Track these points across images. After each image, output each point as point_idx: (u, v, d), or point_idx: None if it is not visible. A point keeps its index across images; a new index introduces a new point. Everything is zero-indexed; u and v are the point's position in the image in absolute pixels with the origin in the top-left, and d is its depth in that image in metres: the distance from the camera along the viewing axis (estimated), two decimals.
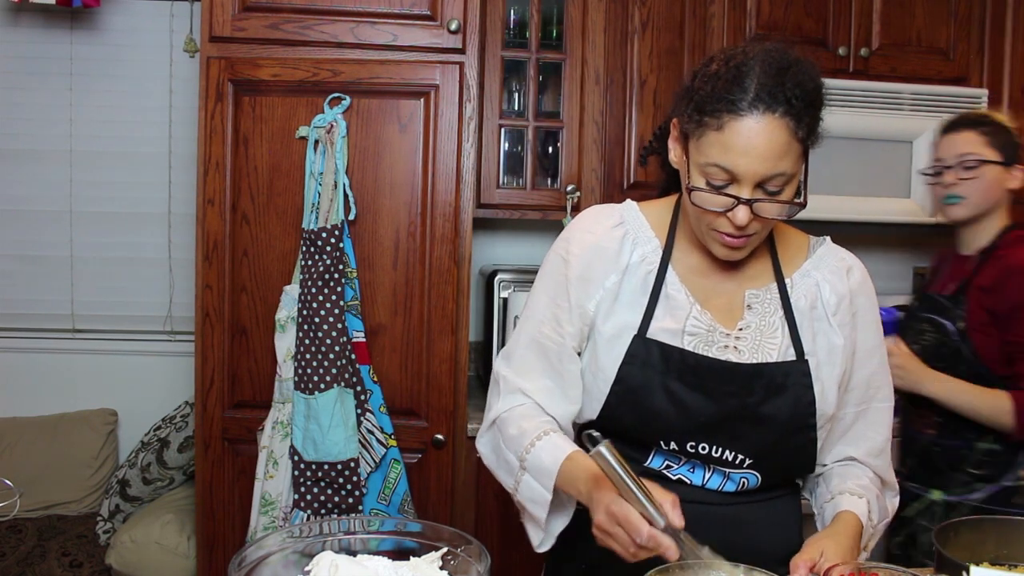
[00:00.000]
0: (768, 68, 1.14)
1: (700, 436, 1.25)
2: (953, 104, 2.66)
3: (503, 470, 1.30)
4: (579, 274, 1.30)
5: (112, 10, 3.01)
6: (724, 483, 1.28)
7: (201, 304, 2.22)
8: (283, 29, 2.20)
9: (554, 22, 2.63)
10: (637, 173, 2.63)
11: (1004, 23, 2.78)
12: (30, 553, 2.55)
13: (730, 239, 1.20)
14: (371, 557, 1.07)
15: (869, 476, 1.32)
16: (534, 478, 1.23)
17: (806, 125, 1.15)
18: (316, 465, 2.11)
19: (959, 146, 1.95)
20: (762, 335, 1.26)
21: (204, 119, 2.19)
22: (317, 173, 2.16)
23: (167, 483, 2.76)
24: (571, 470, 1.19)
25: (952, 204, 1.96)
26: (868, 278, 1.34)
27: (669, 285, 1.28)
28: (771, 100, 1.12)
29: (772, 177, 1.15)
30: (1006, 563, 1.23)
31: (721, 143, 1.14)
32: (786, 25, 2.67)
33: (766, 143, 1.13)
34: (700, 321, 1.26)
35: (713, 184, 1.17)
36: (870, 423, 1.34)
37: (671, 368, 1.24)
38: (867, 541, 1.26)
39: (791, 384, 1.24)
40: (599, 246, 1.30)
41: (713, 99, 1.15)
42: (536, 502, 1.23)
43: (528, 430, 1.26)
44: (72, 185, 3.07)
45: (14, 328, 3.08)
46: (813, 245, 1.35)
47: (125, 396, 3.08)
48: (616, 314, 1.28)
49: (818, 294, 1.29)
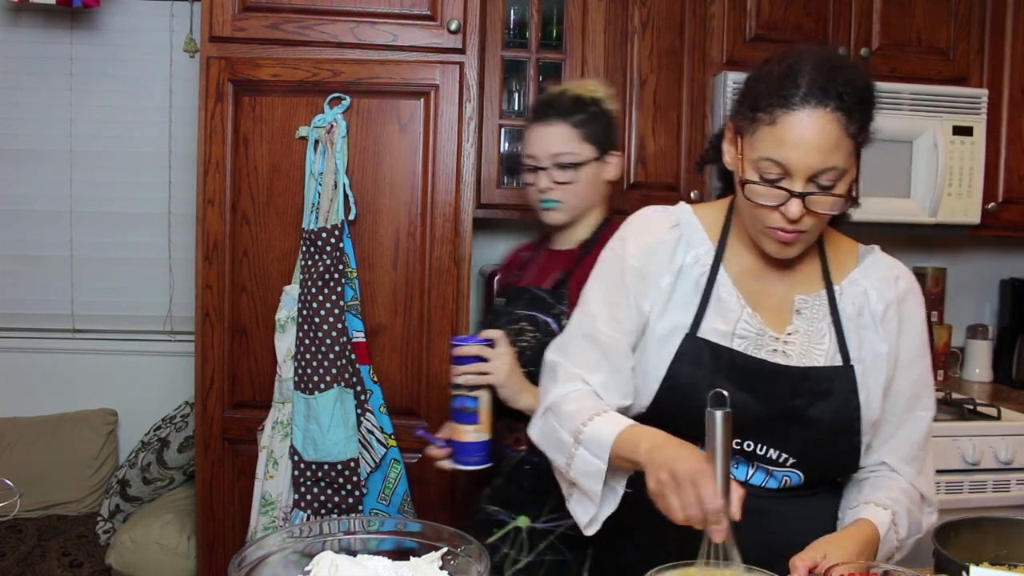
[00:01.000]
0: (820, 66, 1.18)
1: (746, 434, 1.27)
2: (953, 104, 2.66)
3: (555, 449, 1.31)
4: (636, 273, 1.33)
5: (112, 10, 3.01)
6: (767, 480, 1.29)
7: (201, 304, 2.22)
8: (283, 29, 2.20)
9: (554, 22, 2.63)
10: (637, 173, 2.63)
11: (1004, 23, 2.78)
12: (30, 553, 2.55)
13: (783, 234, 1.22)
14: (371, 557, 1.07)
15: (903, 487, 1.31)
16: (589, 451, 1.23)
17: (857, 122, 1.18)
18: (316, 465, 2.11)
19: (552, 143, 1.75)
20: (810, 340, 1.28)
21: (204, 119, 2.19)
22: (317, 173, 2.16)
23: (167, 483, 2.76)
24: (634, 434, 1.20)
25: (550, 209, 1.78)
26: (916, 286, 1.36)
27: (721, 287, 1.31)
28: (823, 95, 1.16)
29: (824, 171, 1.17)
30: (1006, 563, 1.23)
31: (774, 137, 1.18)
32: (786, 25, 2.67)
33: (817, 136, 1.16)
34: (750, 324, 1.29)
35: (766, 178, 1.20)
36: (908, 431, 1.34)
37: (720, 367, 1.26)
38: (890, 554, 1.25)
39: (837, 389, 1.26)
40: (655, 247, 1.33)
41: (766, 95, 1.19)
42: (590, 475, 1.23)
43: (586, 408, 1.28)
44: (72, 185, 3.07)
45: (14, 328, 3.08)
46: (862, 254, 1.36)
47: (125, 396, 3.08)
48: (669, 314, 1.31)
49: (866, 302, 1.31)
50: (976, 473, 2.43)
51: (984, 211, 2.74)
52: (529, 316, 1.75)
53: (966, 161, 2.69)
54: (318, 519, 2.09)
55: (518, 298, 1.81)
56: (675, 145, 2.65)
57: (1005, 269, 3.22)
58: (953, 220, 2.71)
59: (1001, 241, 3.17)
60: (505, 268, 2.02)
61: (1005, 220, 2.83)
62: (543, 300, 1.75)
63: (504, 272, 2.01)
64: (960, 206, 2.70)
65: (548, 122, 1.76)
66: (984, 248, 3.20)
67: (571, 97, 1.78)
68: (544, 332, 1.72)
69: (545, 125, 1.76)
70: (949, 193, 2.68)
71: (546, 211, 1.79)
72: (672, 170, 2.65)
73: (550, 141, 1.75)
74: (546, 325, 1.72)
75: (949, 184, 2.68)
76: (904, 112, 2.65)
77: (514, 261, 1.99)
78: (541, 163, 1.76)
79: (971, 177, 2.70)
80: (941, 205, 2.67)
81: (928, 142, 2.64)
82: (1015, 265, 3.23)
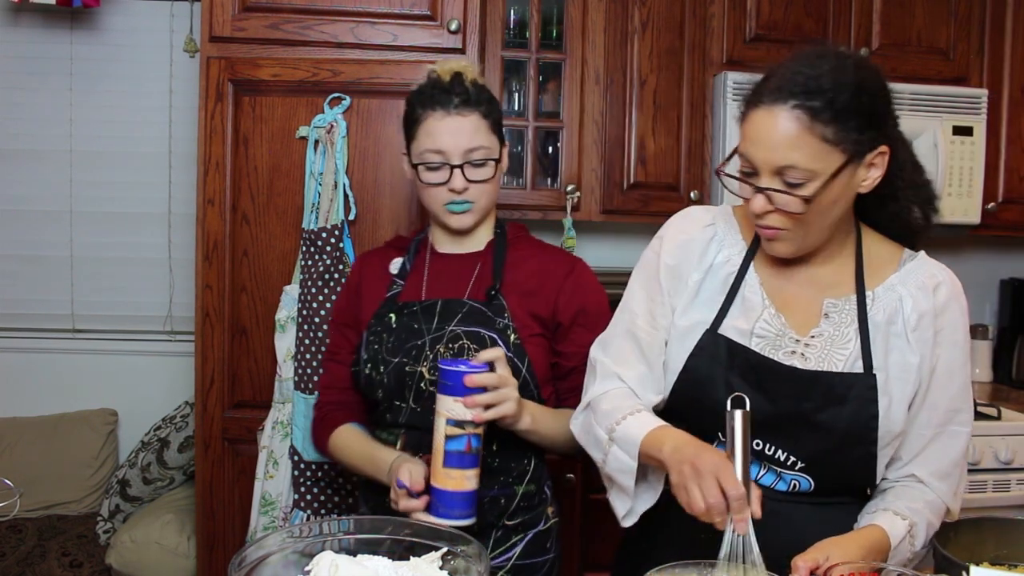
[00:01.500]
0: (795, 64, 1.19)
1: (755, 433, 1.26)
2: (953, 104, 2.66)
3: (593, 446, 1.34)
4: (670, 271, 1.35)
5: (112, 10, 3.01)
6: (776, 482, 1.29)
7: (201, 304, 2.22)
8: (283, 29, 2.20)
9: (554, 22, 2.63)
10: (637, 173, 2.63)
11: (1004, 23, 2.78)
12: (30, 553, 2.55)
13: (762, 229, 1.25)
14: (371, 557, 1.07)
15: (927, 499, 1.29)
16: (621, 448, 1.27)
17: (827, 122, 1.16)
18: (316, 465, 2.11)
19: (464, 137, 1.52)
20: (832, 345, 1.28)
21: (204, 119, 2.19)
22: (317, 173, 2.16)
23: (167, 483, 2.76)
24: (660, 435, 1.23)
25: (462, 212, 1.56)
26: (959, 296, 1.32)
27: (747, 286, 1.32)
28: (783, 93, 1.17)
29: (785, 168, 1.18)
30: (1006, 563, 1.23)
31: (743, 132, 1.22)
32: (786, 25, 2.67)
33: (771, 133, 1.17)
34: (770, 324, 1.29)
35: (743, 172, 1.23)
36: (943, 445, 1.30)
37: (735, 364, 1.27)
38: (902, 565, 1.23)
39: (853, 396, 1.24)
40: (688, 244, 1.36)
41: (750, 93, 1.22)
42: (623, 471, 1.27)
43: (621, 407, 1.30)
44: (72, 185, 3.07)
45: (14, 328, 3.08)
46: (904, 259, 1.34)
47: (125, 396, 3.07)
48: (693, 310, 1.33)
49: (899, 309, 1.28)
50: (976, 473, 2.43)
51: (984, 211, 2.74)
52: (472, 333, 1.52)
53: (966, 161, 2.69)
54: (318, 519, 2.08)
55: (450, 312, 1.54)
56: (675, 145, 2.65)
57: (1005, 269, 3.22)
58: (953, 220, 2.71)
59: (1001, 241, 3.17)
60: (365, 281, 1.67)
61: (1005, 220, 2.83)
62: (483, 313, 1.53)
63: (366, 285, 1.66)
64: (960, 206, 2.70)
65: (459, 112, 1.53)
66: (984, 248, 3.20)
67: (472, 82, 1.56)
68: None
69: (457, 115, 1.53)
70: (949, 193, 2.68)
71: (456, 215, 1.56)
72: (672, 170, 2.65)
73: (462, 135, 1.53)
74: (493, 342, 1.51)
75: (949, 184, 2.68)
76: (904, 112, 2.60)
77: (371, 272, 1.67)
78: (453, 160, 1.53)
79: (971, 177, 2.70)
80: (941, 205, 2.65)
81: (928, 142, 2.64)
82: (1015, 265, 3.23)
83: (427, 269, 1.63)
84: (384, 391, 1.55)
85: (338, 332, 1.69)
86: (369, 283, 1.66)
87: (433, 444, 1.38)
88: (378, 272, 1.67)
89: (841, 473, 1.29)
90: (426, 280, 1.61)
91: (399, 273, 1.64)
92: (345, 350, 1.65)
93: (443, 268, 1.62)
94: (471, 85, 1.55)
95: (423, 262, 1.64)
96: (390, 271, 1.66)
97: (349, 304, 1.68)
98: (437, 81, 1.56)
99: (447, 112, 1.53)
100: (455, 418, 1.35)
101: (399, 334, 1.55)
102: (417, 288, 1.61)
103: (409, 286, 1.62)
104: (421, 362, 1.52)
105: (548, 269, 1.60)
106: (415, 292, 1.60)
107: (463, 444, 1.36)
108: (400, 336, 1.55)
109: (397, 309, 1.58)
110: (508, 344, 1.51)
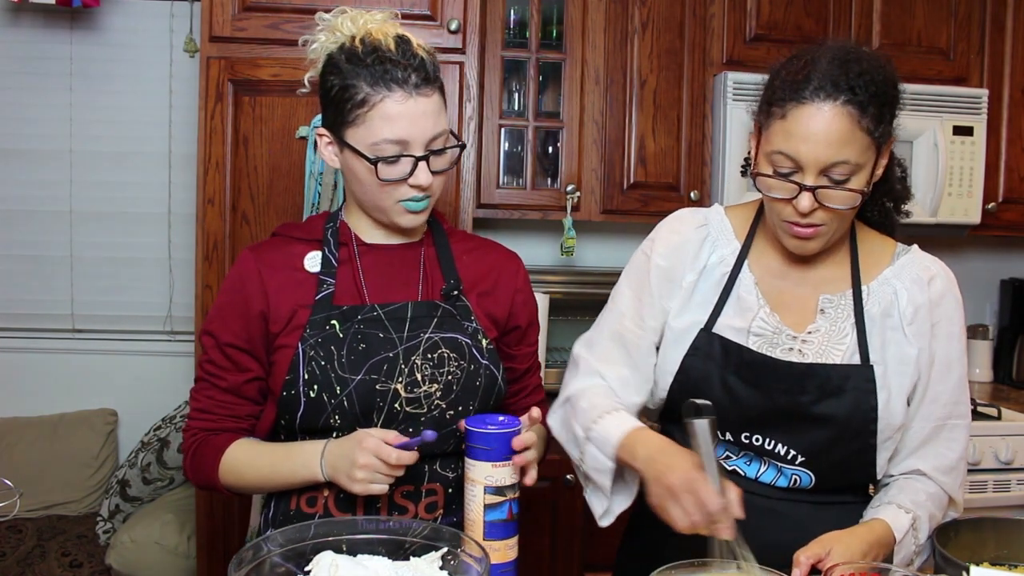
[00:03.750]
0: (834, 59, 1.19)
1: (753, 428, 1.28)
2: (953, 104, 2.66)
3: (570, 443, 1.34)
4: (662, 273, 1.35)
5: (112, 10, 3.01)
6: (777, 478, 1.30)
7: (201, 304, 2.22)
8: (283, 29, 2.20)
9: (554, 22, 2.63)
10: (637, 173, 2.63)
11: (1004, 23, 2.78)
12: (30, 553, 2.55)
13: (798, 229, 1.24)
14: (371, 557, 1.07)
15: (930, 491, 1.29)
16: (598, 448, 1.26)
17: (872, 116, 1.18)
18: None
19: (428, 124, 1.27)
20: (829, 339, 1.28)
21: (204, 119, 2.19)
22: (317, 173, 2.15)
23: (167, 483, 2.76)
24: (635, 439, 1.22)
25: (420, 210, 1.33)
26: (953, 289, 1.33)
27: (741, 286, 1.32)
28: (833, 88, 1.17)
29: (834, 165, 1.18)
30: (1006, 563, 1.23)
31: (785, 130, 1.19)
32: (786, 25, 2.67)
33: (826, 129, 1.17)
34: (767, 323, 1.29)
35: (780, 172, 1.21)
36: (945, 439, 1.31)
37: (730, 362, 1.28)
38: (908, 559, 1.24)
39: (851, 388, 1.25)
40: (681, 246, 1.35)
41: (781, 89, 1.20)
42: (600, 471, 1.27)
43: (599, 405, 1.30)
44: (72, 185, 3.07)
45: (14, 328, 3.08)
46: (898, 253, 1.35)
47: (125, 396, 3.08)
48: (688, 311, 1.33)
49: (895, 302, 1.29)
50: (976, 473, 2.43)
51: (984, 211, 2.74)
52: (450, 340, 1.33)
53: (966, 161, 2.69)
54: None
55: (423, 316, 1.33)
56: (675, 145, 2.65)
57: (1005, 269, 3.22)
58: (953, 220, 2.70)
59: (1001, 241, 3.17)
60: (270, 284, 1.34)
61: (1005, 220, 2.83)
62: (453, 317, 1.35)
63: (273, 288, 1.34)
64: (960, 206, 2.70)
65: (421, 92, 1.25)
66: (984, 248, 3.20)
67: (422, 48, 1.29)
68: (469, 360, 1.34)
69: (420, 97, 1.25)
70: (949, 193, 2.68)
71: (413, 213, 1.32)
72: (672, 170, 2.65)
73: (426, 121, 1.26)
74: (469, 349, 1.34)
75: (949, 184, 2.68)
76: (904, 112, 2.63)
77: (274, 272, 1.35)
78: (416, 151, 1.27)
79: (971, 177, 2.70)
80: (941, 205, 2.66)
81: (928, 142, 2.64)
82: (1015, 265, 3.23)
83: (359, 264, 1.36)
84: (342, 416, 1.28)
85: (220, 352, 1.35)
86: (276, 285, 1.34)
87: (465, 518, 1.22)
88: (286, 271, 1.35)
89: (841, 467, 1.29)
90: (363, 278, 1.35)
91: (323, 270, 1.35)
92: (233, 373, 1.35)
93: (378, 263, 1.37)
94: (426, 54, 1.28)
95: (350, 255, 1.37)
96: (307, 268, 1.36)
97: (239, 314, 1.33)
98: (377, 49, 1.25)
99: (407, 94, 1.24)
100: (495, 485, 1.19)
101: (353, 346, 1.29)
102: (353, 288, 1.35)
103: (342, 286, 1.34)
104: (395, 378, 1.29)
105: (500, 267, 1.45)
106: (352, 293, 1.34)
107: (504, 512, 1.21)
108: (356, 348, 1.29)
109: (342, 315, 1.31)
110: (482, 350, 1.35)
